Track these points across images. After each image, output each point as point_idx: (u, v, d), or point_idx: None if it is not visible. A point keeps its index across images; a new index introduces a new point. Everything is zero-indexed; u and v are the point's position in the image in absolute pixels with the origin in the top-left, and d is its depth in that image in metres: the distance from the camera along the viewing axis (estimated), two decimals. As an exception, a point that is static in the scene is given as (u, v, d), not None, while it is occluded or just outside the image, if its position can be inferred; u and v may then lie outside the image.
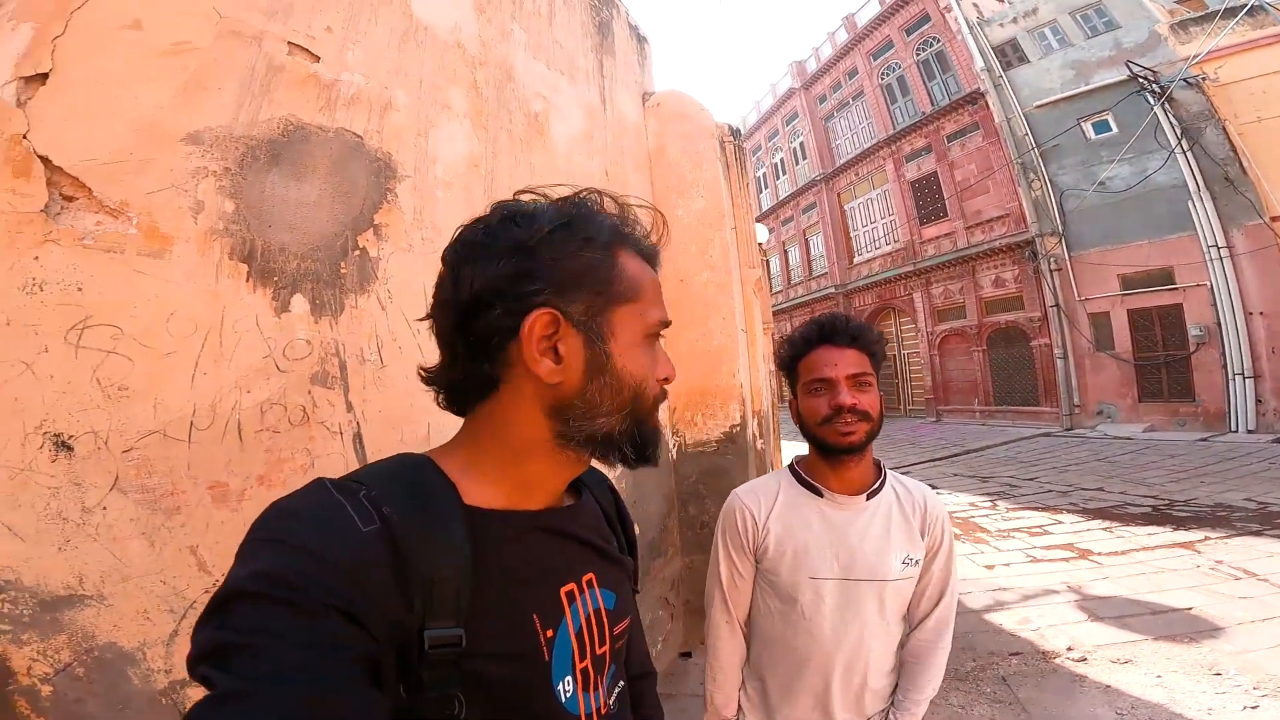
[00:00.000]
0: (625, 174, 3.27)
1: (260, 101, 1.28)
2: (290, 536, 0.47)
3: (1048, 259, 14.46)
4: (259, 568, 0.45)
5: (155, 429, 1.09)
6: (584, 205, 0.62)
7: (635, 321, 0.62)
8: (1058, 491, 7.58)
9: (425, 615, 0.49)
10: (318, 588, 0.44)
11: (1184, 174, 12.03)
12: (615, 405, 0.60)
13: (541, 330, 0.57)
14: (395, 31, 1.67)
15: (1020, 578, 4.66)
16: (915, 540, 1.24)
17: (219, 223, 1.19)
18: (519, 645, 0.56)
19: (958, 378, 17.46)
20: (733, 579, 1.30)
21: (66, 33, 1.02)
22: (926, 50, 17.94)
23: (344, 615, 0.44)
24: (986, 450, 11.84)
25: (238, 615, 0.43)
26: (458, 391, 0.63)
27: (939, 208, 17.60)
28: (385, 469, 0.57)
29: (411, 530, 0.50)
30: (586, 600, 0.64)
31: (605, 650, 0.65)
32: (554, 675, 0.59)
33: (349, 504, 0.49)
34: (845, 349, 1.20)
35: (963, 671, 3.22)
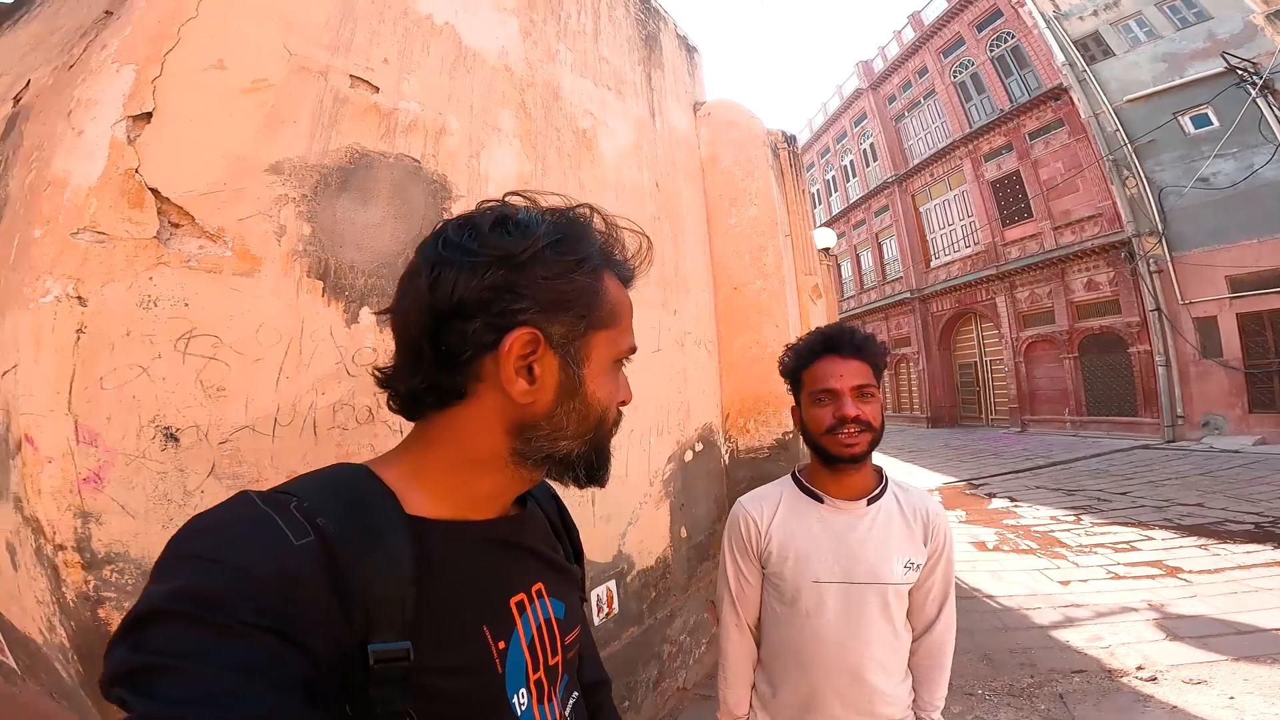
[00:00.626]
0: (677, 185, 3.35)
1: (329, 132, 1.46)
2: (215, 552, 0.44)
3: (1146, 260, 13.41)
4: (180, 585, 0.42)
5: (246, 424, 1.26)
6: (577, 222, 0.61)
7: (609, 348, 0.62)
8: (1152, 507, 7.01)
9: (369, 631, 0.48)
10: (246, 606, 0.42)
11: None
12: (580, 429, 0.60)
13: (521, 349, 0.56)
14: (446, 60, 1.83)
15: (1097, 595, 4.37)
16: (917, 545, 1.25)
17: (298, 244, 1.36)
18: (470, 658, 0.55)
19: (1046, 386, 16.41)
20: (740, 584, 1.35)
21: (163, 74, 1.20)
22: (1000, 46, 17.20)
23: (275, 635, 0.42)
24: (1075, 463, 11.07)
25: (157, 636, 0.40)
26: (412, 398, 0.60)
27: (1023, 208, 16.69)
28: (318, 479, 0.55)
29: (349, 543, 0.48)
30: (537, 610, 0.63)
31: (558, 661, 0.65)
32: (508, 688, 0.57)
33: (279, 517, 0.47)
34: (850, 360, 1.22)
35: (1017, 688, 3.07)
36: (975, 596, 4.45)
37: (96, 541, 1.08)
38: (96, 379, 1.10)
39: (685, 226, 3.37)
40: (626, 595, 2.57)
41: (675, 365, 3.10)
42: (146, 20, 1.26)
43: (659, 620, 2.78)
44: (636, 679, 2.61)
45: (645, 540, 2.72)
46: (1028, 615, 4.06)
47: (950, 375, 20.13)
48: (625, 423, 2.40)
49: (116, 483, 1.11)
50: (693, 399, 3.24)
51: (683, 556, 3.03)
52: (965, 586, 4.65)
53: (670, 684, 2.88)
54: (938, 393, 19.97)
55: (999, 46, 17.28)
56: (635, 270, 0.66)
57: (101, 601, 1.08)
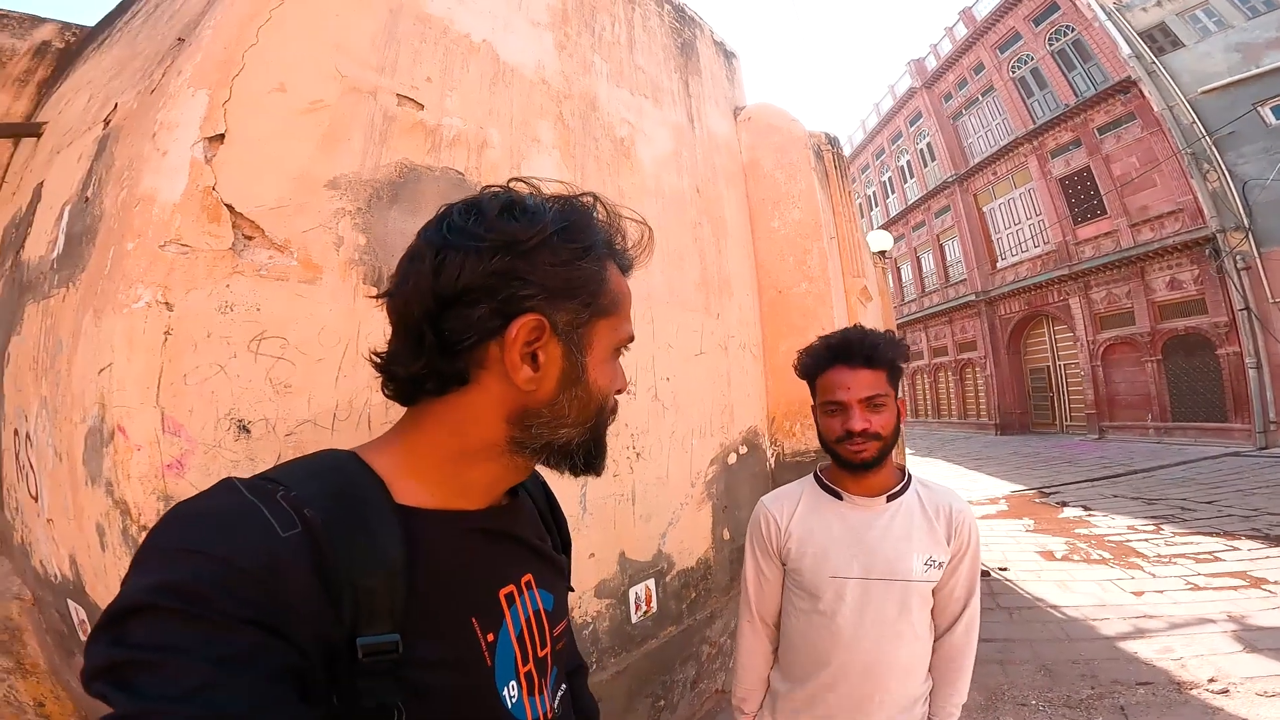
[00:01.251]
0: (718, 189, 3.39)
1: (380, 149, 1.58)
2: (198, 544, 0.43)
3: (1233, 257, 12.47)
4: (163, 579, 0.41)
5: (308, 418, 1.38)
6: (583, 210, 0.60)
7: (610, 336, 0.61)
8: (1239, 516, 6.49)
9: (357, 622, 0.47)
10: (230, 599, 0.41)
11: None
12: (581, 418, 0.59)
13: (526, 336, 0.55)
14: (485, 76, 1.94)
15: (1173, 606, 4.09)
16: (939, 543, 1.24)
17: (355, 254, 1.49)
18: (459, 651, 0.54)
19: (1125, 391, 15.43)
20: (759, 581, 1.37)
21: (232, 97, 1.35)
22: (1061, 40, 16.47)
23: (260, 627, 0.41)
24: (1158, 471, 10.36)
25: (138, 630, 0.39)
26: (412, 383, 0.58)
27: (1095, 205, 15.79)
28: (305, 466, 0.54)
29: (337, 533, 0.48)
30: (526, 602, 0.62)
31: (546, 653, 0.64)
32: (498, 681, 0.57)
33: (265, 506, 0.46)
34: (858, 370, 1.21)
35: (1076, 699, 2.90)
36: (1038, 607, 4.24)
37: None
38: (181, 376, 1.24)
39: (727, 230, 3.40)
40: (665, 595, 2.60)
41: (718, 368, 3.12)
42: (214, 47, 1.40)
43: (698, 621, 2.80)
44: (673, 678, 2.62)
45: (686, 541, 2.75)
46: (1094, 626, 3.84)
47: (1020, 380, 19.20)
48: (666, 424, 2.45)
49: (196, 469, 1.23)
50: (736, 402, 3.26)
51: (725, 558, 3.04)
52: (1028, 596, 4.44)
53: (708, 685, 2.88)
54: (1007, 398, 19.07)
55: (1059, 40, 16.56)
56: (635, 260, 0.66)
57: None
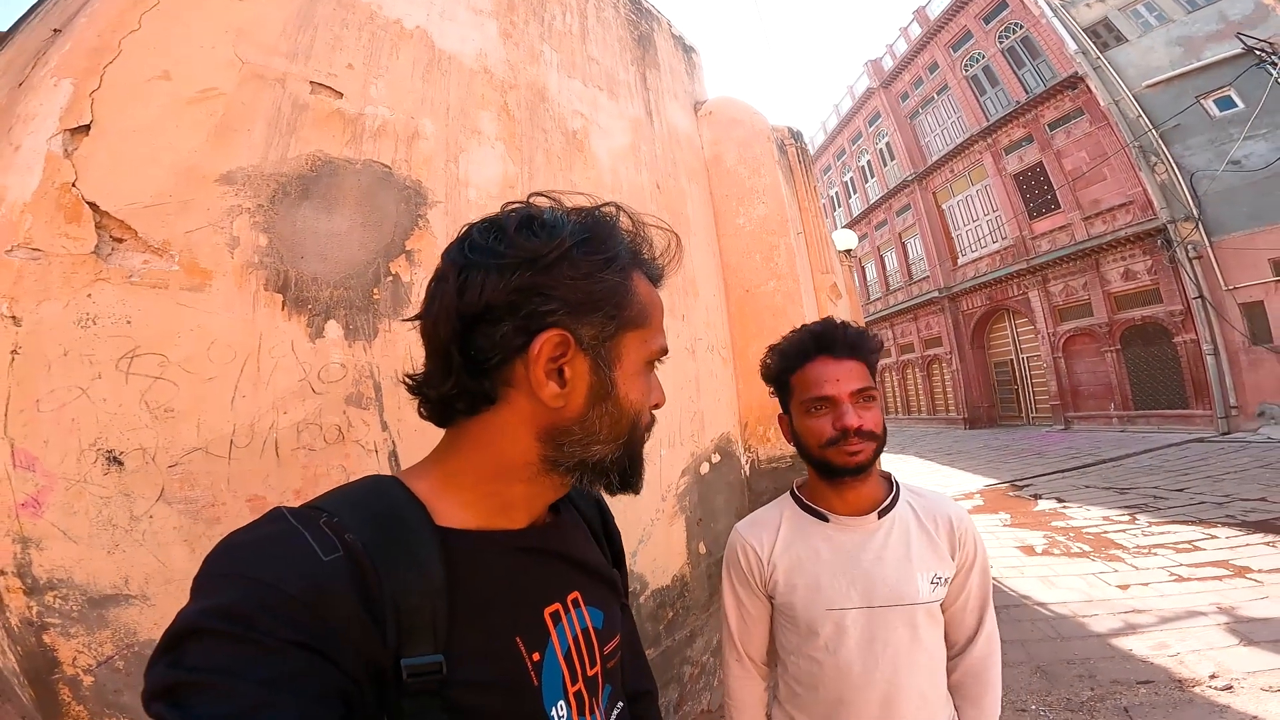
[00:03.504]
0: (680, 185, 3.25)
1: (288, 140, 1.39)
2: (246, 569, 0.45)
3: (1184, 246, 12.87)
4: (214, 603, 0.43)
5: (198, 446, 1.17)
6: (604, 221, 0.60)
7: (641, 348, 0.60)
8: (1212, 503, 6.57)
9: (401, 644, 0.47)
10: (277, 622, 0.42)
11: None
12: (613, 434, 0.58)
13: (551, 352, 0.55)
14: (419, 63, 1.76)
15: (1160, 599, 4.06)
16: (943, 558, 1.10)
17: (254, 256, 1.28)
18: (504, 671, 0.54)
19: (1088, 381, 15.80)
20: (741, 618, 1.21)
21: (102, 86, 1.15)
22: (1010, 37, 16.97)
23: (307, 650, 0.43)
24: (1126, 459, 10.55)
25: (193, 653, 0.41)
26: (444, 404, 0.59)
27: (1049, 199, 16.25)
28: (348, 493, 0.55)
29: (378, 556, 0.49)
30: (574, 620, 0.61)
31: (597, 671, 0.63)
32: (545, 700, 0.56)
33: (308, 532, 0.48)
34: (844, 360, 1.08)
35: (1076, 702, 2.81)
36: (1025, 604, 4.16)
37: (38, 567, 1.01)
38: (33, 401, 1.03)
39: (690, 228, 3.25)
40: (641, 617, 2.43)
41: (685, 373, 2.96)
42: (86, 35, 1.21)
43: (678, 641, 2.63)
44: (657, 705, 2.45)
45: (659, 558, 2.58)
46: (1084, 623, 3.77)
47: (985, 374, 19.54)
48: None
49: (57, 508, 1.03)
50: (707, 408, 3.10)
51: (702, 573, 2.87)
52: (1013, 594, 4.37)
53: (693, 707, 2.71)
54: (973, 393, 19.38)
55: (1008, 37, 17.04)
56: (664, 269, 0.66)
57: (46, 627, 1.01)
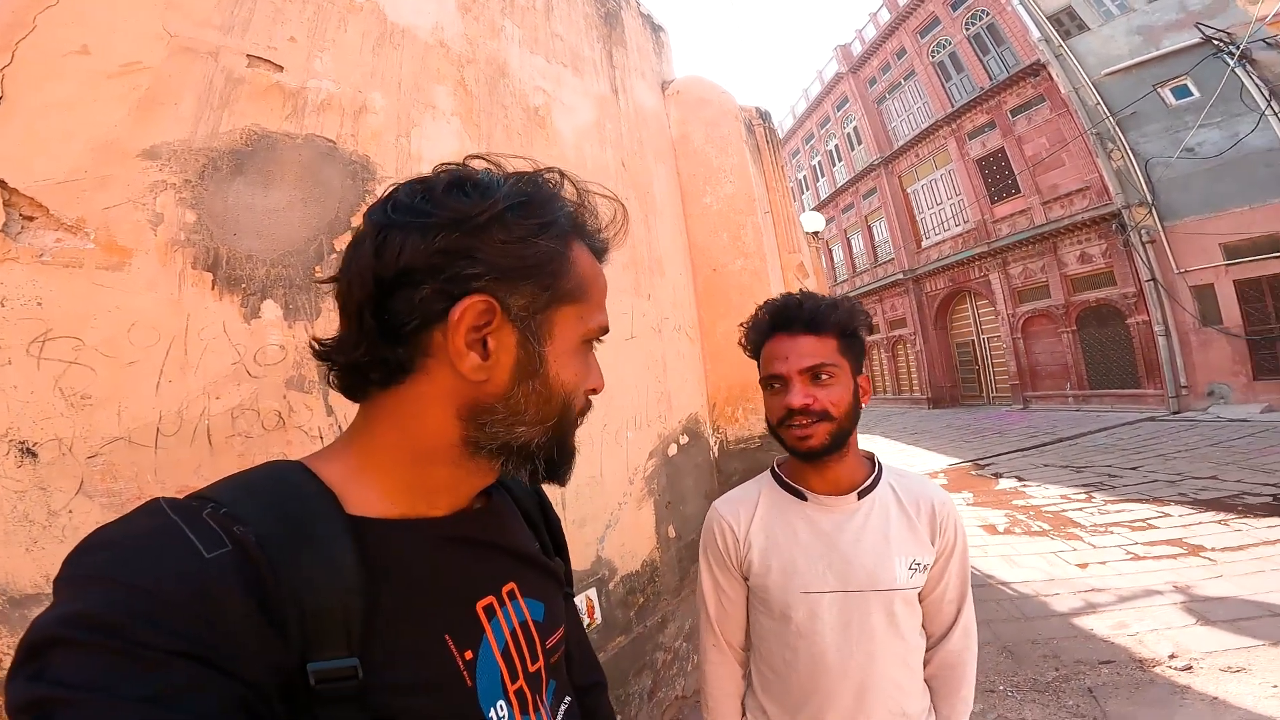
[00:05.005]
0: (646, 164, 3.20)
1: (220, 114, 1.30)
2: (115, 571, 0.40)
3: (1138, 231, 13.30)
4: (79, 609, 0.38)
5: (120, 435, 1.10)
6: (544, 185, 0.55)
7: (577, 325, 0.56)
8: (1165, 481, 6.82)
9: (306, 647, 0.43)
10: (153, 631, 0.37)
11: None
12: (540, 415, 0.54)
13: (473, 319, 0.50)
14: (368, 36, 1.67)
15: (1118, 577, 4.19)
16: (923, 543, 1.08)
17: (180, 234, 1.20)
18: (432, 672, 0.50)
19: (1045, 361, 16.28)
20: (719, 600, 1.18)
21: (14, 62, 1.06)
22: (976, 24, 17.14)
23: (192, 659, 0.37)
24: (1082, 438, 10.91)
25: (59, 665, 0.36)
26: (356, 373, 0.54)
27: (1010, 184, 16.60)
28: (240, 481, 0.50)
29: (275, 550, 0.44)
30: (510, 613, 0.57)
31: (539, 666, 0.59)
32: (482, 701, 0.52)
33: (188, 526, 0.42)
34: (800, 337, 1.04)
35: (1043, 682, 2.89)
36: (989, 584, 4.27)
37: (-53, 571, 0.94)
38: (-67, 393, 0.95)
39: (657, 207, 3.21)
40: (611, 604, 2.41)
41: (653, 353, 2.94)
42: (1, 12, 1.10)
43: (649, 627, 2.62)
44: (629, 691, 2.44)
45: (628, 543, 2.56)
46: (1047, 602, 3.88)
47: (949, 355, 19.99)
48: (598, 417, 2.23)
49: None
50: (674, 388, 3.08)
51: (672, 557, 2.87)
52: (979, 573, 4.48)
53: (667, 693, 2.72)
54: (937, 373, 19.82)
55: (975, 24, 17.22)
56: (609, 242, 0.61)
57: (-38, 633, 0.94)
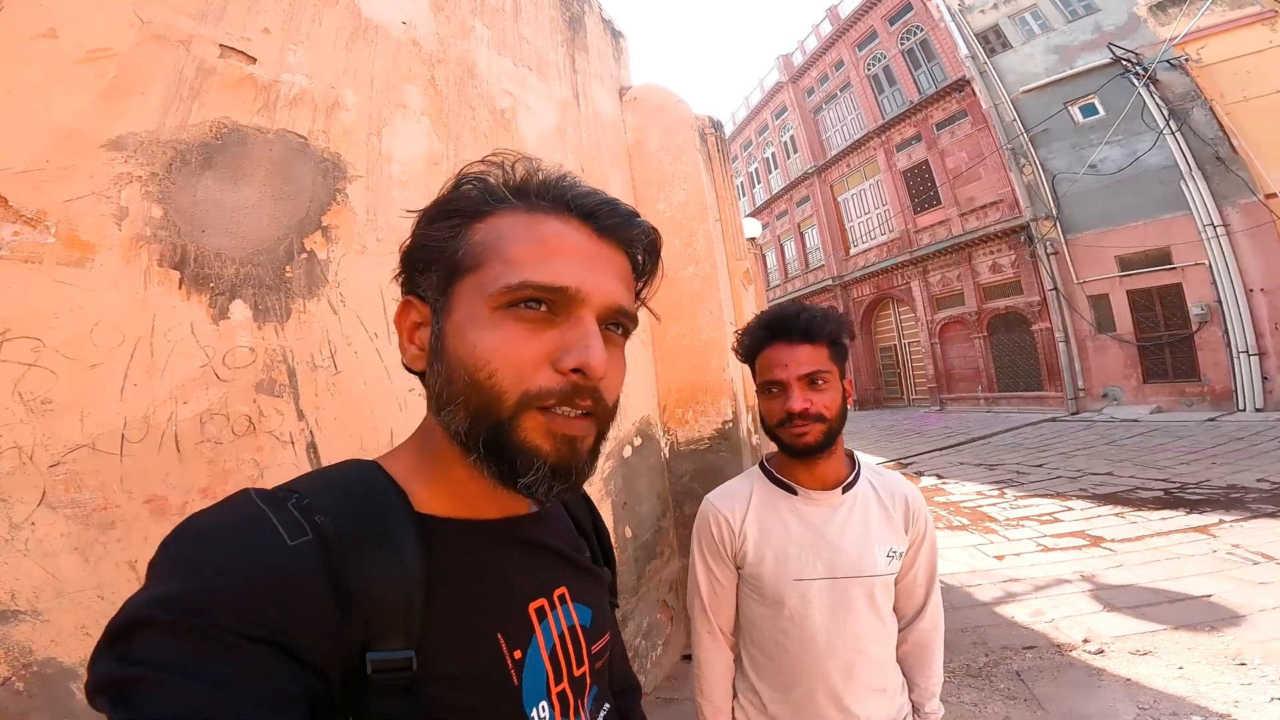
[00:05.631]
0: (603, 169, 3.23)
1: (189, 104, 1.24)
2: (204, 555, 0.41)
3: (1044, 243, 14.40)
4: (166, 591, 0.39)
5: (84, 442, 1.04)
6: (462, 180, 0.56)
7: (476, 291, 0.51)
8: (1067, 477, 7.47)
9: (368, 638, 0.44)
10: (235, 614, 0.38)
11: (1175, 154, 12.02)
12: (450, 395, 0.51)
13: (412, 318, 0.55)
14: (342, 31, 1.63)
15: (1032, 568, 4.56)
16: (898, 532, 1.20)
17: (145, 229, 1.15)
18: (482, 668, 0.50)
19: (960, 365, 17.37)
20: (713, 588, 1.26)
21: None
22: (911, 39, 17.93)
23: (267, 644, 0.39)
24: (992, 437, 11.75)
25: (141, 645, 0.37)
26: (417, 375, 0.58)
27: (932, 196, 17.55)
28: (322, 475, 0.52)
29: (349, 541, 0.45)
30: (560, 617, 0.58)
31: (584, 671, 0.59)
32: (525, 701, 0.52)
33: (274, 515, 0.44)
34: (797, 345, 1.13)
35: (975, 668, 3.13)
36: (919, 576, 4.57)
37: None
38: (-124, 396, 0.88)
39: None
40: (565, 602, 2.43)
41: (607, 358, 2.97)
42: None
43: (604, 625, 2.66)
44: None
45: (583, 542, 2.59)
46: (971, 593, 4.18)
47: (873, 358, 21.00)
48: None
49: (-84, 520, 0.89)
50: (628, 391, 3.13)
51: (630, 558, 2.92)
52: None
53: (620, 689, 2.77)
54: (862, 376, 20.77)
55: (909, 39, 18.00)
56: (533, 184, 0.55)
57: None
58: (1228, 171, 11.41)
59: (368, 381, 1.54)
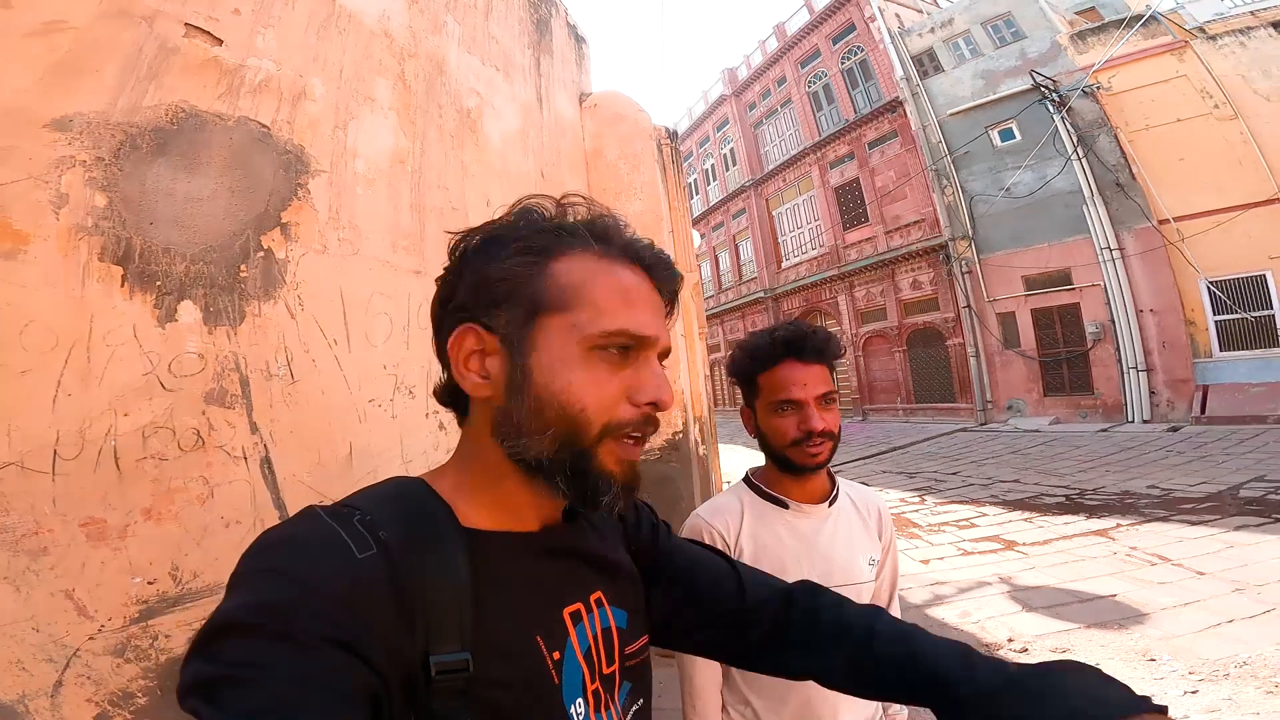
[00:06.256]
0: (562, 175, 3.18)
1: (146, 85, 1.13)
2: (283, 565, 0.45)
3: (959, 262, 15.30)
4: (251, 599, 0.43)
5: (10, 460, 0.92)
6: (528, 211, 0.60)
7: (569, 332, 0.56)
8: (979, 484, 7.95)
9: (429, 642, 0.47)
10: (312, 619, 0.42)
11: (1079, 180, 12.91)
12: (538, 426, 0.55)
13: (470, 346, 0.57)
14: (315, 17, 1.53)
15: (954, 571, 4.80)
16: (874, 541, 1.27)
17: (86, 219, 1.03)
18: (526, 669, 0.54)
19: (881, 377, 18.22)
20: None
21: None
22: (851, 59, 18.51)
23: (340, 647, 0.42)
24: (910, 447, 12.38)
25: (229, 647, 0.41)
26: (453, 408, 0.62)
27: (861, 213, 18.29)
28: (378, 492, 0.55)
29: (410, 554, 0.49)
30: (595, 619, 0.62)
31: (614, 669, 0.63)
32: (565, 698, 0.56)
33: (343, 530, 0.47)
34: (811, 365, 1.16)
35: None
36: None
37: None
38: None
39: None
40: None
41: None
42: None
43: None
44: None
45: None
46: (903, 595, 4.30)
47: (802, 369, 21.66)
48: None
49: None
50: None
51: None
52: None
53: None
54: (788, 387, 21.38)
55: (850, 59, 18.54)
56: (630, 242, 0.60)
57: None
58: (1126, 197, 12.38)
59: (326, 391, 1.44)
